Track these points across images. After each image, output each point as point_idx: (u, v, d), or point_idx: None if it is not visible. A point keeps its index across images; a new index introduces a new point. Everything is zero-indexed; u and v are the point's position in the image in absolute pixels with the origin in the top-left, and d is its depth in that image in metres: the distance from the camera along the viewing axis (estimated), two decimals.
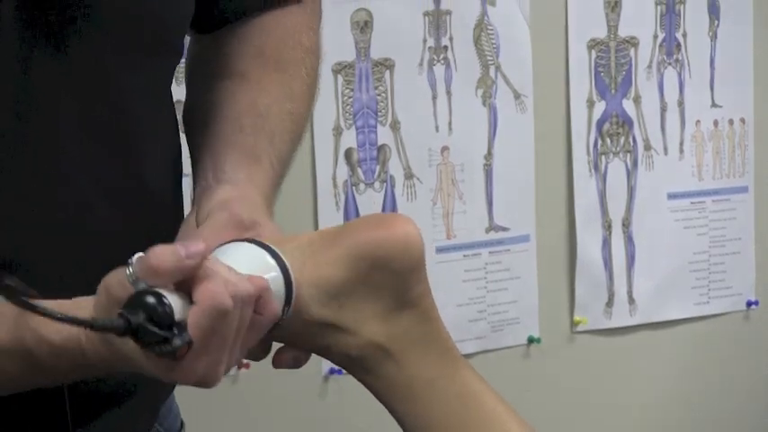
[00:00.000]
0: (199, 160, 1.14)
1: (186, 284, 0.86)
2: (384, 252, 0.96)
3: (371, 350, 0.97)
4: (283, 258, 0.95)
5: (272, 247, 0.95)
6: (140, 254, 0.86)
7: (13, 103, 0.97)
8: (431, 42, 2.25)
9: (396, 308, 0.97)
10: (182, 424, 1.29)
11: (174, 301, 0.85)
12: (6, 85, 0.96)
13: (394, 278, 0.97)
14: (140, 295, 0.84)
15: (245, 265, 0.93)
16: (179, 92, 1.17)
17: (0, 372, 0.92)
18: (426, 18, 2.24)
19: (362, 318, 0.97)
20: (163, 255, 0.85)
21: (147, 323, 0.83)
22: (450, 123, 2.28)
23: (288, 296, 0.94)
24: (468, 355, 2.33)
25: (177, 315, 0.84)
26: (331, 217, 2.18)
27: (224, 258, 0.93)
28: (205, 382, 0.88)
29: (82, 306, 0.89)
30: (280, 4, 1.21)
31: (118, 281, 0.86)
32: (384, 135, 2.23)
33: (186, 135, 1.20)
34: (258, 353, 0.97)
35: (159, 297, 0.84)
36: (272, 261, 0.94)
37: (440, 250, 2.29)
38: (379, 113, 2.22)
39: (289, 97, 1.17)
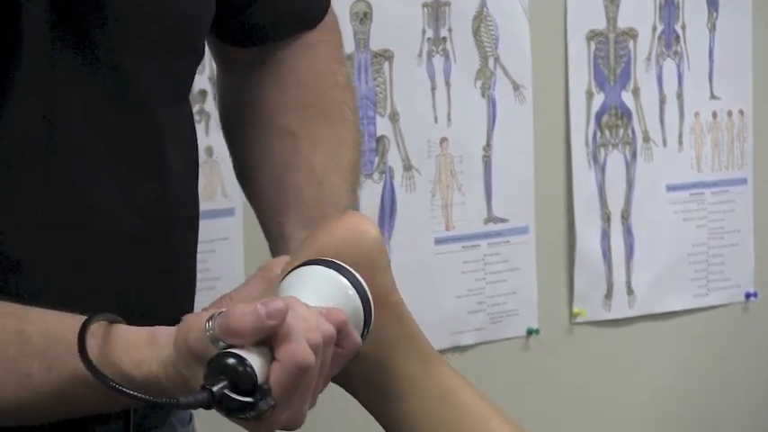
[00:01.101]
0: (272, 240, 1.16)
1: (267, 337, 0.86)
2: (334, 247, 0.96)
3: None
4: (357, 275, 0.94)
5: (343, 264, 0.95)
6: (221, 309, 0.87)
7: (40, 105, 0.97)
8: (430, 34, 2.24)
9: None
10: (191, 417, 1.29)
11: (254, 360, 0.84)
12: (34, 86, 0.96)
13: None
14: (221, 357, 0.84)
15: (319, 291, 0.92)
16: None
17: (80, 400, 0.92)
18: (425, 9, 2.24)
19: None
20: (243, 316, 0.85)
21: (230, 391, 0.83)
22: (449, 115, 2.27)
23: (366, 316, 0.94)
24: (466, 347, 2.33)
25: (259, 377, 0.84)
26: None
27: (296, 288, 0.92)
28: (289, 427, 0.89)
29: (160, 343, 0.90)
30: (306, 27, 1.21)
31: (198, 337, 0.86)
32: (383, 126, 2.22)
33: (248, 199, 1.22)
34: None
35: (241, 360, 0.83)
36: (345, 281, 0.94)
37: (438, 242, 2.28)
38: (378, 105, 2.22)
39: (342, 146, 1.18)
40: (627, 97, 2.45)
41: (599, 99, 2.42)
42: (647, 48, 2.46)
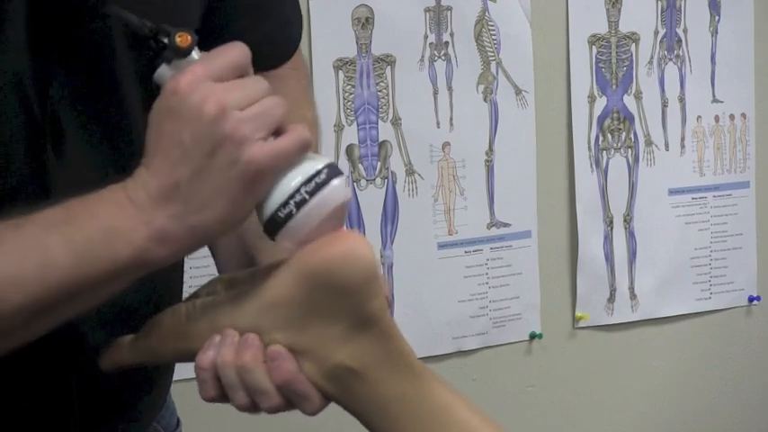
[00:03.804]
0: None
1: None
2: (327, 269, 0.94)
3: (339, 371, 0.96)
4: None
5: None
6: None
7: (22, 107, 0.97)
8: (432, 38, 2.25)
9: (354, 328, 0.96)
10: (178, 421, 1.29)
11: None
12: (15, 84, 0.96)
13: (343, 296, 0.95)
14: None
15: None
16: None
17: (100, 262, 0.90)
18: (427, 14, 2.24)
19: (324, 340, 0.96)
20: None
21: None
22: (451, 119, 2.27)
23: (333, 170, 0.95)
24: (469, 352, 2.33)
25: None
26: None
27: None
28: (210, 113, 0.88)
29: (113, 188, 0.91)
30: (278, 60, 1.22)
31: None
32: (385, 131, 2.23)
33: None
34: (313, 405, 0.98)
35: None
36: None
37: (441, 246, 2.29)
38: (380, 110, 2.22)
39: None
40: (629, 101, 2.45)
41: (601, 103, 2.42)
42: (648, 51, 2.46)
